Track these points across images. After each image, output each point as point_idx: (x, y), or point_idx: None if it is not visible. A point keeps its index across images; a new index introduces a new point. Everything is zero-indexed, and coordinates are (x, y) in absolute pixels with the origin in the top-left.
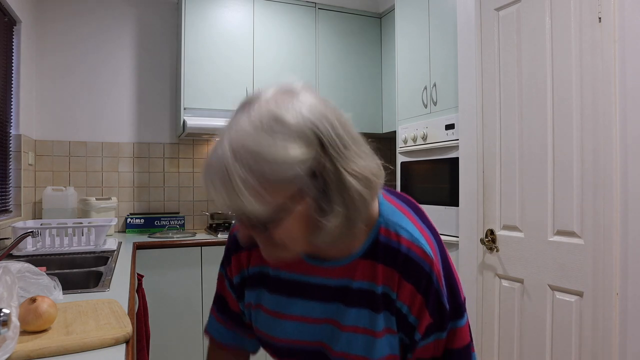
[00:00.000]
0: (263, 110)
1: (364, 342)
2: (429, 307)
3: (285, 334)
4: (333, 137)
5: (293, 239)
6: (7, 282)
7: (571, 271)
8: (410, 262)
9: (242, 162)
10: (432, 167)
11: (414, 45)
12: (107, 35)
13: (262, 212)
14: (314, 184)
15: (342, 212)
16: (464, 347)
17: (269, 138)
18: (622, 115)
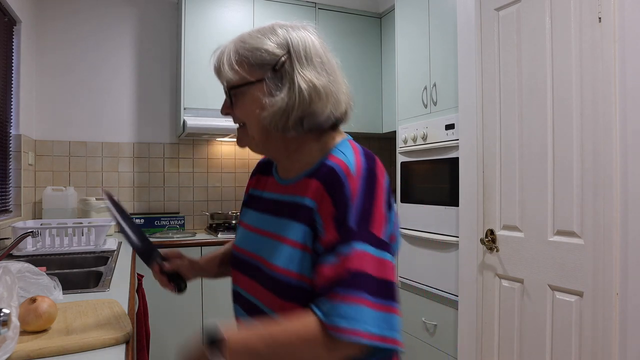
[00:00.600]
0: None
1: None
2: (336, 221)
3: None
4: (300, 52)
5: (247, 116)
6: (7, 282)
7: (571, 271)
8: (333, 174)
9: (234, 45)
10: (432, 167)
11: (414, 45)
12: (107, 35)
13: (231, 79)
14: (273, 75)
15: (284, 100)
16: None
17: (257, 35)
18: (622, 115)
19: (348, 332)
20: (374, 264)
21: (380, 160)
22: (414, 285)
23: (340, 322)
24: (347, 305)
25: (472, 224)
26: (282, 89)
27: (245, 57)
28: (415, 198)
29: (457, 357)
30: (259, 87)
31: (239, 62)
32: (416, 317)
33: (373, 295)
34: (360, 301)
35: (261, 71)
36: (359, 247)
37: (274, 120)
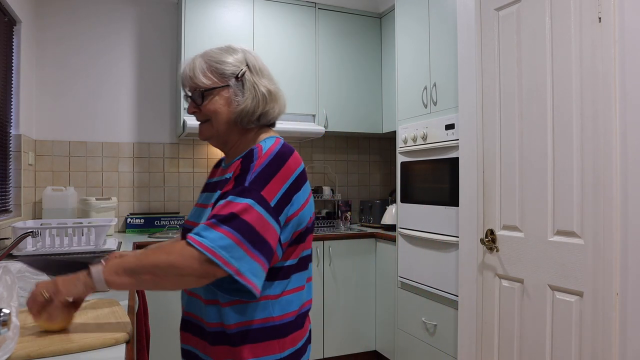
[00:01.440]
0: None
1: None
2: (236, 179)
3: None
4: (255, 66)
5: (215, 112)
6: (7, 282)
7: (571, 271)
8: (250, 152)
9: (203, 57)
10: (432, 167)
11: (414, 45)
12: (108, 36)
13: (204, 83)
14: (235, 82)
15: (249, 101)
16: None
17: (221, 52)
18: (622, 115)
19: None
20: (254, 217)
21: (380, 160)
22: (414, 285)
23: (194, 236)
24: (205, 227)
25: (472, 224)
26: (245, 93)
27: (214, 67)
28: (415, 198)
29: (457, 357)
30: (225, 90)
31: (210, 71)
32: (416, 317)
33: (243, 236)
34: (228, 235)
35: (226, 79)
36: (246, 201)
37: (241, 116)
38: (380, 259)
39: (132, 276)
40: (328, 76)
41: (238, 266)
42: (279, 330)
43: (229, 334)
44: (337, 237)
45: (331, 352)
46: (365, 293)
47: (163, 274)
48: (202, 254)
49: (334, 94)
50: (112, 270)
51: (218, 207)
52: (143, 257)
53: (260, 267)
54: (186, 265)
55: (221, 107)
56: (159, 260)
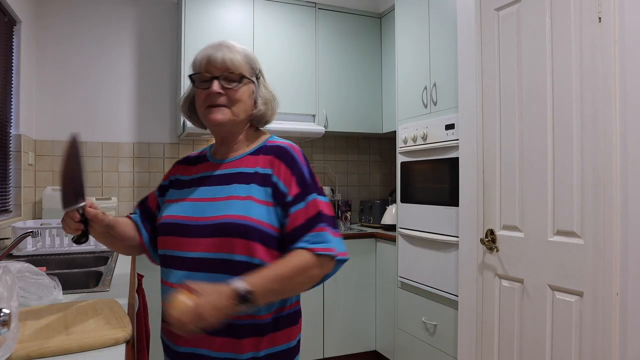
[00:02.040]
0: None
1: (237, 205)
2: (298, 180)
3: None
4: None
5: (241, 101)
6: (7, 282)
7: (571, 271)
8: (282, 149)
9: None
10: (432, 167)
11: (414, 45)
12: (108, 36)
13: (243, 68)
14: (256, 82)
15: (266, 104)
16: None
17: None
18: (622, 115)
19: (327, 251)
20: (326, 206)
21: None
22: (414, 285)
23: (322, 245)
24: (321, 233)
25: (472, 224)
26: (261, 93)
27: (249, 59)
28: (415, 198)
29: (457, 357)
30: (252, 84)
31: (246, 61)
32: (416, 317)
33: (331, 226)
34: (327, 230)
35: (253, 74)
36: (316, 196)
37: (257, 115)
38: (380, 259)
39: (274, 296)
40: (328, 76)
41: (344, 250)
42: (294, 316)
43: (262, 324)
44: None
45: (331, 352)
46: (365, 293)
47: (300, 287)
48: (335, 259)
49: (334, 94)
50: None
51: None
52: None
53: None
54: (324, 273)
55: (247, 98)
56: (301, 280)
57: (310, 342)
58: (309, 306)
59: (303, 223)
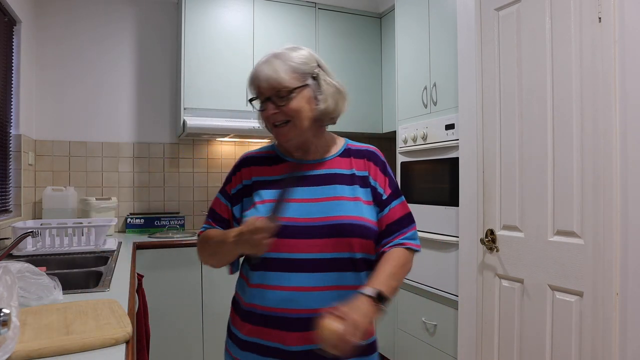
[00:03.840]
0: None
1: (350, 206)
2: (390, 183)
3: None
4: (323, 64)
5: (299, 111)
6: (7, 282)
7: (571, 271)
8: (374, 154)
9: (280, 59)
10: (432, 167)
11: (414, 45)
12: (108, 36)
13: (291, 83)
14: (313, 82)
15: (328, 101)
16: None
17: (294, 52)
18: (622, 115)
19: (417, 247)
20: (408, 206)
21: None
22: (414, 285)
23: (416, 242)
24: (414, 231)
25: (472, 224)
26: (324, 92)
27: (294, 67)
28: (415, 198)
29: (457, 357)
30: (307, 90)
31: (291, 71)
32: (416, 317)
33: (414, 222)
34: (415, 229)
35: (305, 78)
36: (403, 198)
37: (324, 114)
38: None
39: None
40: None
41: None
42: None
43: None
44: None
45: None
46: None
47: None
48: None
49: None
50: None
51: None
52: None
53: None
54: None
55: (304, 105)
56: (405, 273)
57: None
58: None
59: (398, 219)
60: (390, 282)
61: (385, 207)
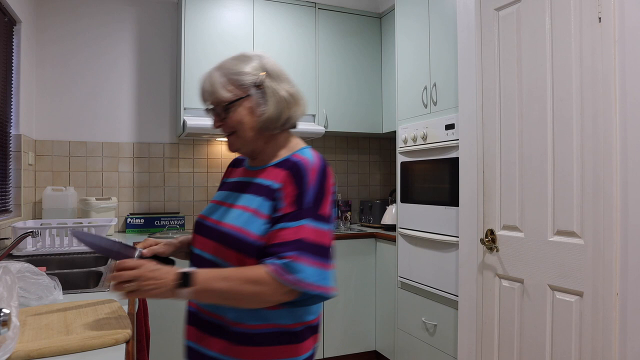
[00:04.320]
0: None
1: (240, 217)
2: (296, 199)
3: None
4: (274, 71)
5: (240, 123)
6: (7, 282)
7: (571, 271)
8: (296, 166)
9: (220, 70)
10: (432, 167)
11: (414, 45)
12: (108, 36)
13: (226, 97)
14: (257, 92)
15: (274, 108)
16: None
17: (237, 62)
18: (622, 115)
19: (294, 283)
20: (317, 234)
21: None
22: (414, 285)
23: (289, 275)
24: (295, 263)
25: (472, 224)
26: (268, 100)
27: (233, 79)
28: (415, 198)
29: (457, 357)
30: (248, 100)
31: (230, 83)
32: (416, 317)
33: (314, 255)
34: (301, 260)
35: (247, 89)
36: (307, 222)
37: (267, 123)
38: (380, 259)
39: (216, 298)
40: (328, 76)
41: (326, 285)
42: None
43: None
44: (337, 237)
45: (331, 352)
46: (365, 293)
47: (247, 300)
48: (292, 288)
49: (334, 94)
50: (202, 292)
51: (285, 231)
52: (230, 283)
53: (332, 274)
54: (274, 296)
55: (245, 117)
56: (245, 290)
57: None
58: None
59: (280, 243)
60: (214, 280)
61: (275, 224)
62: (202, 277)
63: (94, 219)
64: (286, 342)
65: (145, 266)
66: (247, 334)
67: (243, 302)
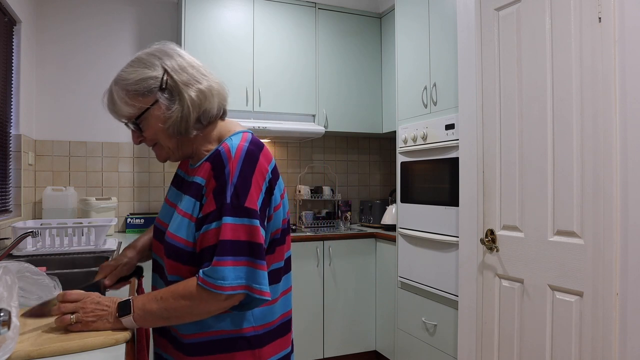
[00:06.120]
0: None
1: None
2: (215, 194)
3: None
4: (175, 67)
5: (157, 133)
6: (7, 282)
7: (571, 271)
8: (218, 156)
9: (118, 84)
10: (432, 167)
11: (414, 45)
12: (108, 36)
13: (131, 113)
14: (163, 94)
15: (179, 109)
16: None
17: (133, 69)
18: (622, 115)
19: (220, 288)
20: (243, 231)
21: (380, 160)
22: (414, 285)
23: (215, 282)
24: (220, 268)
25: (472, 224)
26: (175, 101)
27: (133, 90)
28: (415, 198)
29: (457, 357)
30: (156, 107)
31: (130, 96)
32: (416, 317)
33: (240, 255)
34: (229, 263)
35: (152, 95)
36: (230, 220)
37: (176, 127)
38: (380, 259)
39: (159, 320)
40: (328, 76)
41: (257, 286)
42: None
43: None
44: (337, 237)
45: (331, 352)
46: (365, 293)
47: (187, 315)
48: (223, 294)
49: (334, 94)
50: (141, 318)
51: (208, 234)
52: (164, 302)
53: (266, 274)
54: (210, 308)
55: (158, 126)
56: (179, 306)
57: (310, 342)
58: (309, 306)
59: (204, 249)
60: (150, 303)
61: (200, 226)
62: (139, 302)
63: (94, 219)
64: (238, 348)
65: (89, 298)
66: (194, 344)
67: (186, 317)
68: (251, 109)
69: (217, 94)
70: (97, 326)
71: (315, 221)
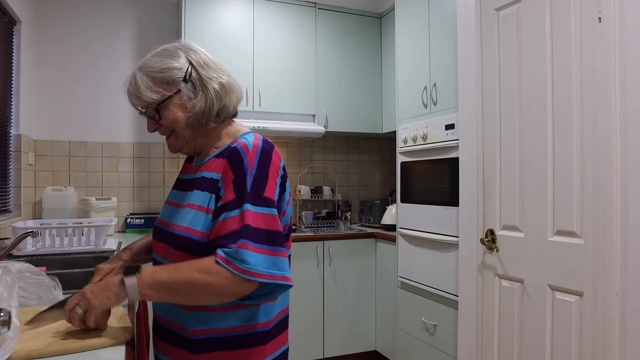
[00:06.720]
0: (162, 47)
1: (188, 215)
2: (235, 185)
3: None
4: (200, 62)
5: (176, 121)
6: (7, 282)
7: (571, 271)
8: (235, 152)
9: (142, 71)
10: (432, 167)
11: (414, 45)
12: (108, 36)
13: (154, 99)
14: (186, 86)
15: (203, 101)
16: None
17: (160, 59)
18: (622, 115)
19: (244, 271)
20: (263, 220)
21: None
22: (414, 285)
23: (239, 264)
24: (243, 251)
25: (472, 224)
26: (198, 93)
27: (158, 78)
28: (415, 198)
29: (457, 357)
30: (178, 97)
31: (155, 83)
32: (416, 317)
33: (262, 243)
34: (251, 248)
35: (175, 85)
36: (251, 207)
37: (198, 118)
38: (380, 259)
39: (166, 292)
40: (328, 76)
41: (280, 273)
42: (266, 336)
43: (219, 339)
44: (337, 237)
45: (331, 352)
46: (365, 293)
47: (198, 292)
48: (239, 276)
49: (334, 94)
50: (146, 284)
51: (229, 220)
52: (177, 273)
53: (287, 260)
54: (224, 286)
55: (178, 114)
56: (194, 279)
57: (310, 342)
58: (309, 306)
59: (225, 233)
60: (162, 270)
61: (218, 215)
62: (149, 268)
63: (94, 219)
64: (243, 345)
65: (88, 287)
66: (200, 340)
67: (196, 295)
68: (251, 109)
69: (236, 90)
70: (100, 301)
71: (315, 221)
